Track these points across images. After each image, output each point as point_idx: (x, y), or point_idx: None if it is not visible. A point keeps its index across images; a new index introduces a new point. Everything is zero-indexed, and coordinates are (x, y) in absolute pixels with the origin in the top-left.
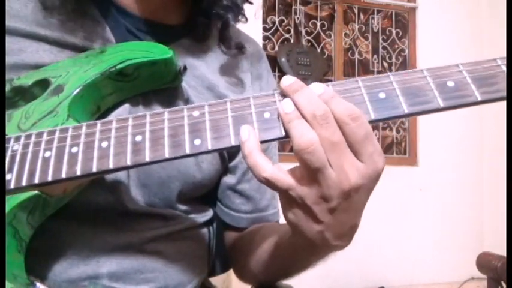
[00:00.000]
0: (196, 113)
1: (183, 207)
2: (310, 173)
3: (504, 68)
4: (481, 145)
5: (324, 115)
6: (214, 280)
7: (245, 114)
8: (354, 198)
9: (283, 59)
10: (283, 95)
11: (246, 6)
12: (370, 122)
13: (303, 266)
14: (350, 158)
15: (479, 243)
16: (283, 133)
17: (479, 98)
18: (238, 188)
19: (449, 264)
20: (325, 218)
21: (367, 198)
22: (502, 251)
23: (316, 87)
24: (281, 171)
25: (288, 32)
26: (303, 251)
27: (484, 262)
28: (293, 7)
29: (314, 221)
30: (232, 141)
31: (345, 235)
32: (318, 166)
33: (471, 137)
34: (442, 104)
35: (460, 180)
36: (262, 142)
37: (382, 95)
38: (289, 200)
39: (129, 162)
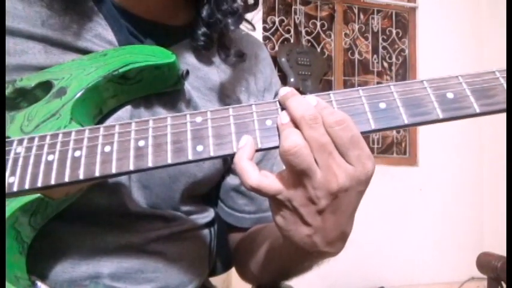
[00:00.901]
0: (199, 119)
1: (184, 208)
2: (296, 175)
3: (503, 80)
4: (481, 145)
5: (312, 115)
6: (214, 280)
7: (247, 122)
8: (343, 200)
9: (283, 59)
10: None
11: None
12: (371, 131)
13: (298, 270)
14: (338, 159)
15: (479, 243)
16: None
17: (478, 110)
18: (241, 189)
19: (449, 264)
20: (314, 221)
21: (357, 202)
22: (502, 251)
23: (311, 98)
24: (268, 178)
25: (288, 32)
26: (295, 255)
27: (484, 262)
28: (293, 7)
29: (303, 224)
30: (235, 148)
31: (335, 241)
32: (303, 168)
33: (471, 137)
34: (441, 116)
35: (460, 180)
36: (262, 150)
37: (382, 105)
38: (278, 204)
39: (131, 167)
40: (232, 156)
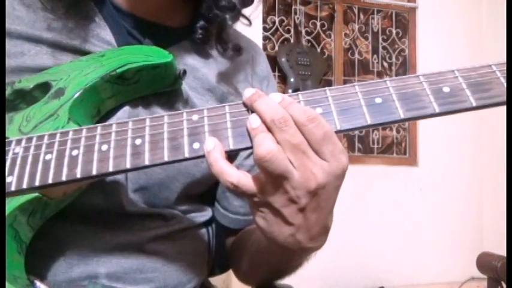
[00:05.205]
0: (195, 117)
1: (182, 206)
2: (274, 180)
3: (499, 74)
4: (481, 145)
5: (282, 118)
6: (214, 280)
7: (243, 119)
8: (322, 196)
9: (283, 59)
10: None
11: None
12: (367, 127)
13: (289, 269)
14: (313, 157)
15: (479, 243)
16: None
17: (474, 104)
18: None
19: (449, 264)
20: (296, 220)
21: (335, 196)
22: (502, 251)
23: (275, 96)
24: (247, 177)
25: (288, 32)
26: (283, 256)
27: (484, 262)
28: (293, 7)
29: (285, 224)
30: (231, 145)
31: (318, 236)
32: (280, 173)
33: (471, 137)
34: (437, 110)
35: (460, 180)
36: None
37: (378, 100)
38: (258, 206)
39: (128, 165)
40: (229, 152)
